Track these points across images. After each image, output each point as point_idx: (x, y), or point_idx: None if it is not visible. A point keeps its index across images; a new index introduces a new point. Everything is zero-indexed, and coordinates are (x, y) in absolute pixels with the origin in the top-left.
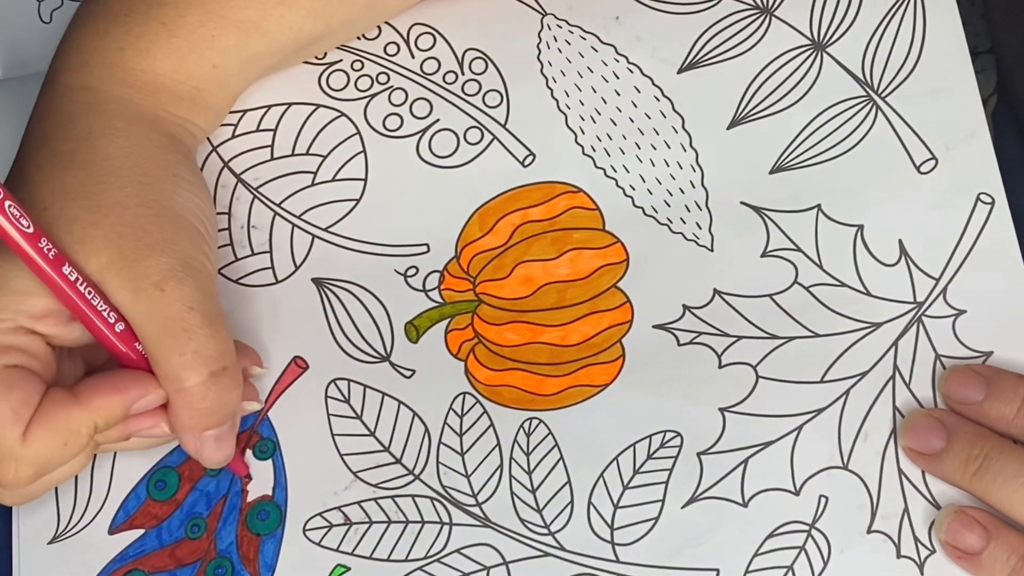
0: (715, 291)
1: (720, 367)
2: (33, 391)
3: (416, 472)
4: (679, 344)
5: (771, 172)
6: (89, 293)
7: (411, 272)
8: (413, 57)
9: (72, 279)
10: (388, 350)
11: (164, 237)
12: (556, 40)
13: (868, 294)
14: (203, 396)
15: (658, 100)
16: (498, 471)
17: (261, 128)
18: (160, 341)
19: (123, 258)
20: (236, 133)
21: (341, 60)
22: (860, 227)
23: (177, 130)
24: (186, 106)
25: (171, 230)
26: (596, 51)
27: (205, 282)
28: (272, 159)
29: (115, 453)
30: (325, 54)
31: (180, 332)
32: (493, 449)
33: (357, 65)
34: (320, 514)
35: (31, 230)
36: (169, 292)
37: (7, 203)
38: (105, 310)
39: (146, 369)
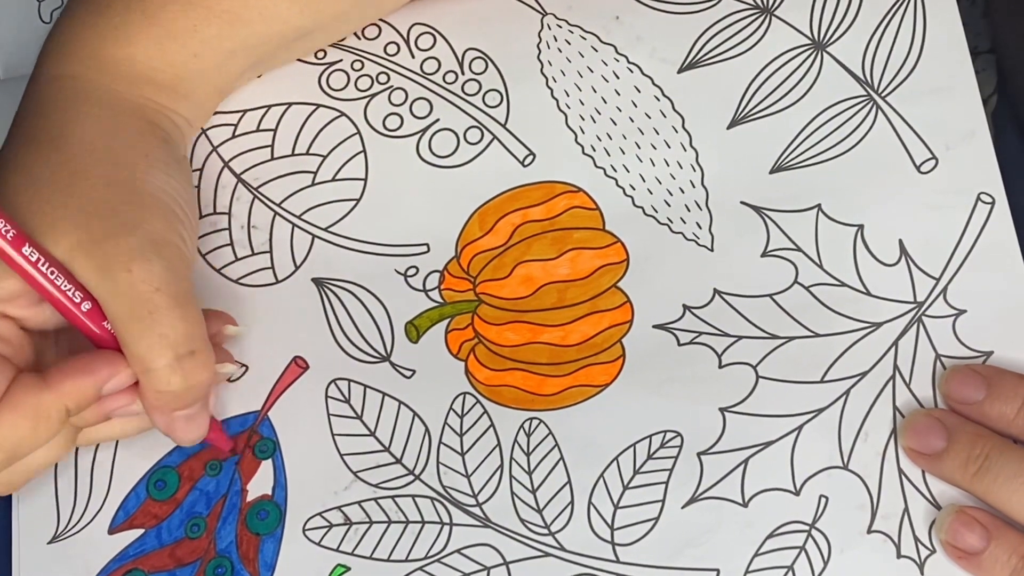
0: (715, 291)
1: (720, 367)
2: (2, 377)
3: (416, 472)
4: (679, 344)
5: (771, 172)
6: (52, 273)
7: (411, 272)
8: (413, 57)
9: (33, 259)
10: (388, 350)
11: (133, 217)
12: (556, 40)
13: (868, 294)
14: (169, 379)
15: (658, 100)
16: (498, 471)
17: (261, 128)
18: (127, 323)
19: (91, 239)
20: (236, 133)
21: (341, 60)
22: (860, 227)
23: (158, 118)
24: (167, 94)
25: (142, 210)
26: (596, 51)
27: (176, 263)
28: (272, 159)
29: (115, 451)
30: (325, 54)
31: (146, 314)
32: (493, 449)
33: (357, 65)
34: (320, 514)
35: None
36: (136, 272)
37: None
38: (70, 289)
39: (117, 348)
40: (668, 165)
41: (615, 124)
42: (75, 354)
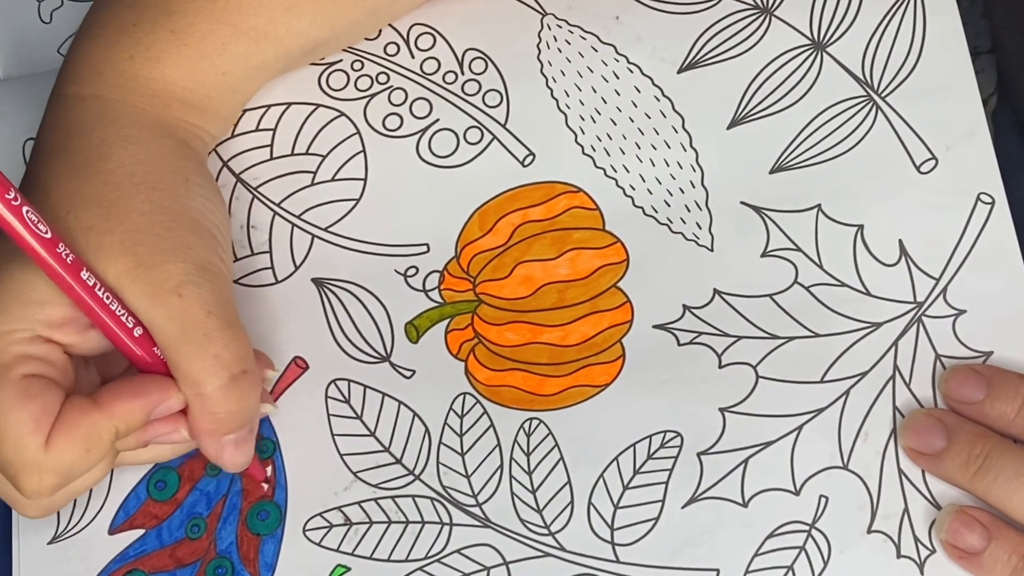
0: (715, 291)
1: (720, 367)
2: (53, 399)
3: (416, 472)
4: (679, 344)
5: (771, 172)
6: (107, 298)
7: (411, 272)
8: (413, 57)
9: (90, 284)
10: (388, 350)
11: (180, 242)
12: (556, 40)
13: (868, 294)
14: (224, 400)
15: (658, 100)
16: (498, 471)
17: (260, 128)
18: (180, 346)
19: (139, 265)
20: (235, 132)
21: (341, 60)
22: (860, 227)
23: (188, 137)
24: (197, 113)
25: (186, 235)
26: (596, 51)
27: (222, 286)
28: (271, 159)
29: None
30: None
31: (200, 336)
32: (493, 449)
33: (357, 65)
34: (320, 514)
35: (49, 236)
36: (187, 297)
37: (24, 209)
38: (123, 315)
39: (165, 373)
40: (668, 165)
41: (615, 124)
42: (107, 380)
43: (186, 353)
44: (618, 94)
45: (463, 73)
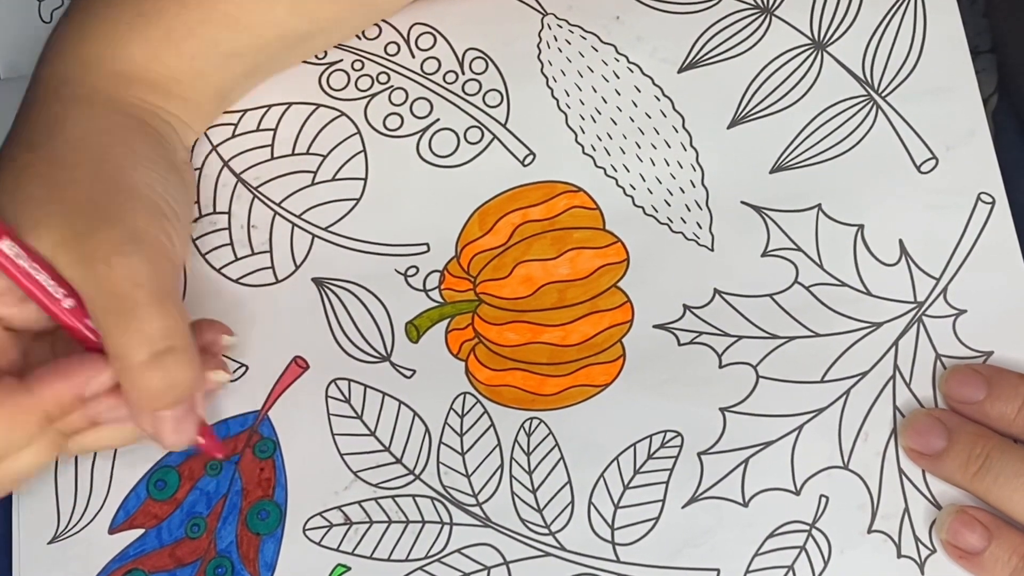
0: (715, 291)
1: (720, 367)
2: None
3: (416, 472)
4: (679, 344)
5: (771, 172)
6: (34, 269)
7: (411, 272)
8: (413, 57)
9: (12, 254)
10: (388, 350)
11: (115, 211)
12: (556, 40)
13: (868, 294)
14: (147, 375)
15: (658, 100)
16: (498, 471)
17: (261, 128)
18: (104, 316)
19: (74, 234)
20: (236, 133)
21: (341, 60)
22: (860, 227)
23: (151, 118)
24: (161, 95)
25: (124, 203)
26: (596, 51)
27: (159, 259)
28: (272, 159)
29: (115, 451)
30: (325, 53)
31: (124, 309)
32: (494, 449)
33: (357, 65)
34: (320, 514)
35: None
36: (115, 267)
37: None
38: (52, 286)
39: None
40: (668, 165)
41: (615, 124)
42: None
43: (109, 324)
44: (618, 94)
45: (463, 73)
